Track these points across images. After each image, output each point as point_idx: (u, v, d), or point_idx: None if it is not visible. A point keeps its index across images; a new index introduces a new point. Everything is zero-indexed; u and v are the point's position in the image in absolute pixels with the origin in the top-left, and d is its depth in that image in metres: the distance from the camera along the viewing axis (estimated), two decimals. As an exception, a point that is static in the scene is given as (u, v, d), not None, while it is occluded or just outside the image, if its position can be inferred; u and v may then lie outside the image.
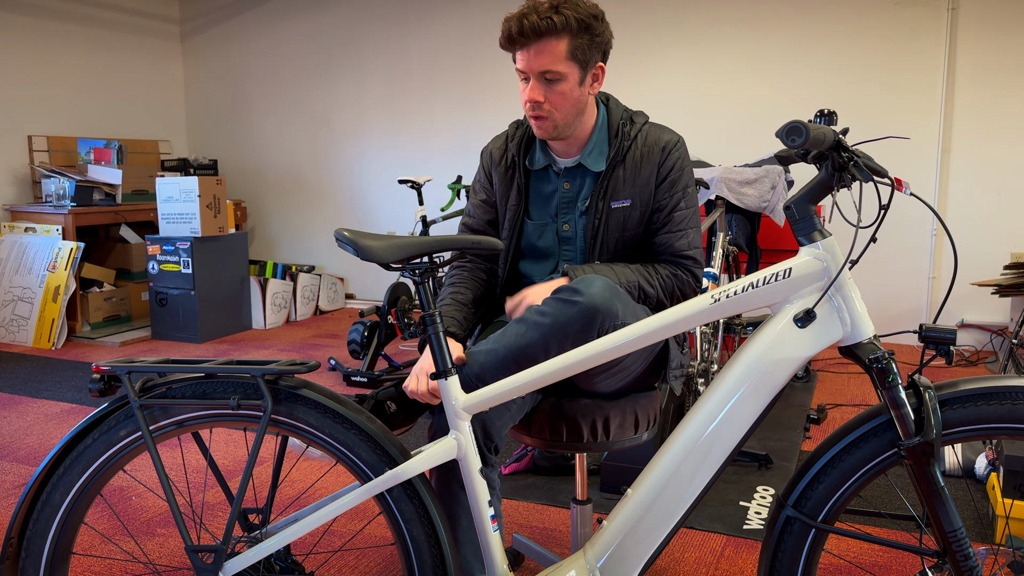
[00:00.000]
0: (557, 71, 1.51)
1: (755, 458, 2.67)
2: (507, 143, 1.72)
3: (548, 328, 1.38)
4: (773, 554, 1.27)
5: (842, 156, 1.19)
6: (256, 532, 1.34)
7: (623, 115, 1.65)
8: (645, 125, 1.64)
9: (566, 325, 1.37)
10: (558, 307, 1.39)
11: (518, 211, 1.68)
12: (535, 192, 1.69)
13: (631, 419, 1.57)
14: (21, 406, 3.47)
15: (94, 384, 1.28)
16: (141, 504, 2.45)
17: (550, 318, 1.38)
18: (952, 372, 3.87)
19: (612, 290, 1.41)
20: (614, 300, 1.40)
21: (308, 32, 5.81)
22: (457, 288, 1.68)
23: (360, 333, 3.88)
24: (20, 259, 4.80)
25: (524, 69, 1.53)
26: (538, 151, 1.68)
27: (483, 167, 1.76)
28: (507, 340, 1.42)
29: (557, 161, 1.67)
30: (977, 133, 4.21)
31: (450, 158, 5.49)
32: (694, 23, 4.71)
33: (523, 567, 2.01)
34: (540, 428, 1.58)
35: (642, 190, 1.60)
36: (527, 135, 1.70)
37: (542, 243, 1.67)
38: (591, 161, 1.63)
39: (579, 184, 1.65)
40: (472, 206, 1.77)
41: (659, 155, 1.60)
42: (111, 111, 5.76)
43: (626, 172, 1.61)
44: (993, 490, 2.22)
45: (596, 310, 1.37)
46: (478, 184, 1.76)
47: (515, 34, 1.49)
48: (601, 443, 1.55)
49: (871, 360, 1.18)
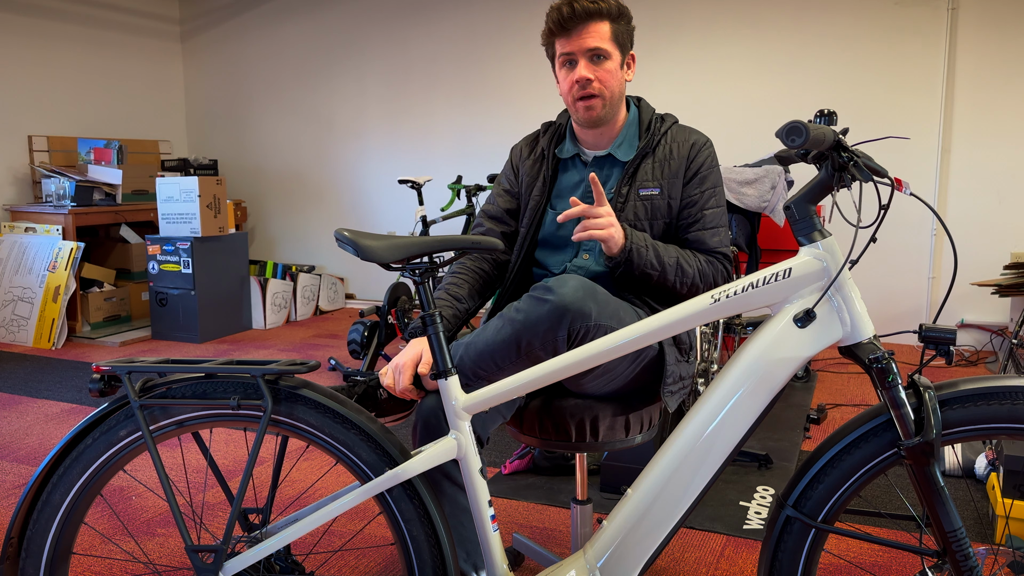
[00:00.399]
0: (606, 49, 1.59)
1: (755, 458, 2.67)
2: (538, 138, 1.79)
3: (520, 324, 1.41)
4: (773, 554, 1.27)
5: (842, 156, 1.19)
6: (256, 532, 1.34)
7: (654, 114, 1.72)
8: (675, 124, 1.71)
9: (536, 323, 1.39)
10: (530, 305, 1.41)
11: (541, 201, 1.71)
12: (561, 183, 1.73)
13: (621, 421, 1.56)
14: (21, 406, 3.47)
15: (94, 384, 1.28)
16: (141, 504, 2.45)
17: (522, 315, 1.41)
18: (952, 372, 3.87)
19: (587, 290, 1.42)
20: (587, 301, 1.40)
21: (308, 32, 5.81)
22: (454, 280, 1.71)
23: (360, 333, 3.88)
24: (20, 259, 4.80)
25: (574, 50, 1.59)
26: (568, 142, 1.73)
27: (511, 161, 1.82)
28: (485, 335, 1.45)
29: (585, 152, 1.71)
30: (977, 133, 4.21)
31: (450, 158, 5.49)
32: (694, 23, 4.71)
33: (523, 567, 2.01)
34: (531, 427, 1.58)
35: (671, 182, 1.64)
36: (559, 131, 1.75)
37: (563, 232, 1.69)
38: (620, 152, 1.67)
39: (606, 174, 1.69)
40: (494, 195, 1.82)
41: (689, 151, 1.65)
42: (111, 111, 5.76)
43: (655, 163, 1.65)
44: (993, 490, 2.23)
45: (566, 309, 1.38)
46: (503, 176, 1.82)
47: (567, 17, 1.57)
48: (590, 443, 1.56)
49: (871, 360, 1.18)
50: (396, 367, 1.47)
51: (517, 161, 1.79)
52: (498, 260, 1.78)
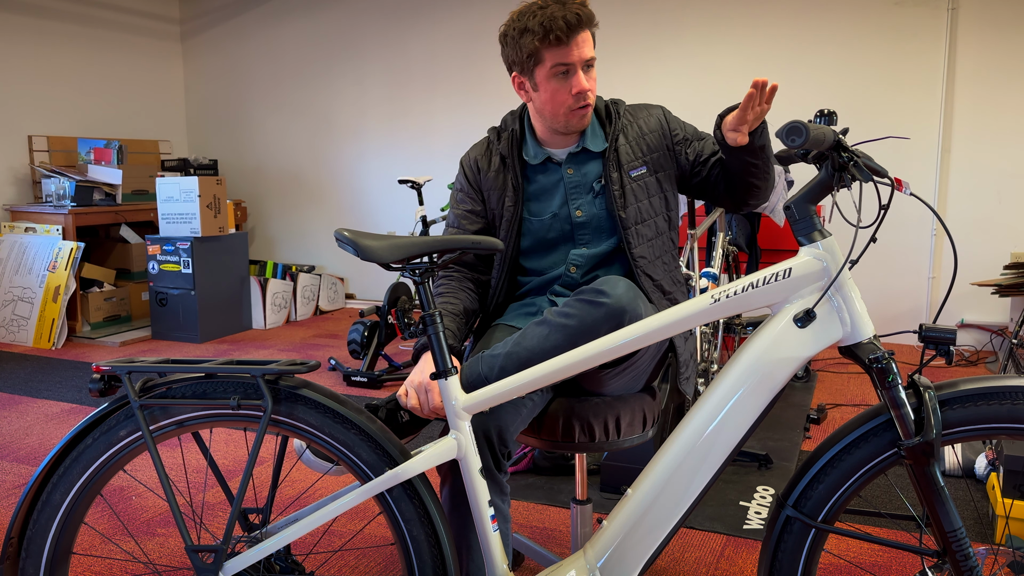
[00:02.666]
0: (594, 57, 1.59)
1: (755, 458, 2.67)
2: (490, 148, 1.72)
3: (574, 330, 1.37)
4: (773, 554, 1.27)
5: (842, 156, 1.19)
6: (256, 532, 1.34)
7: (604, 102, 1.72)
8: (627, 105, 1.72)
9: (593, 327, 1.37)
10: (583, 308, 1.38)
11: (515, 210, 1.66)
12: (535, 187, 1.68)
13: (621, 422, 1.56)
14: (21, 406, 3.47)
15: (94, 384, 1.28)
16: (141, 504, 2.45)
17: (575, 320, 1.38)
18: (952, 372, 3.87)
19: (636, 291, 1.42)
20: (638, 301, 1.40)
21: (308, 32, 5.81)
22: (446, 299, 1.65)
23: (360, 333, 3.88)
24: (20, 259, 4.80)
25: (572, 61, 1.54)
26: (531, 147, 1.68)
27: (465, 177, 1.73)
28: (528, 343, 1.40)
29: (555, 153, 1.68)
30: (977, 133, 4.21)
31: (450, 158, 5.49)
32: (694, 23, 4.71)
33: (523, 567, 2.01)
34: (531, 427, 1.56)
35: (653, 158, 1.65)
36: (513, 136, 1.69)
37: (552, 234, 1.67)
38: (593, 144, 1.66)
39: (586, 169, 1.66)
40: (456, 217, 1.73)
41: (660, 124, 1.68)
42: (111, 111, 5.76)
43: (630, 143, 1.65)
44: (993, 490, 2.23)
45: (624, 311, 1.37)
46: (460, 194, 1.74)
47: (572, 26, 1.52)
48: (612, 442, 1.55)
49: (871, 360, 1.18)
50: (420, 386, 1.42)
51: (475, 176, 1.71)
52: (477, 279, 1.73)
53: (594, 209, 1.64)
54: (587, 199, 1.65)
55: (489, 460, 1.42)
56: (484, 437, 1.41)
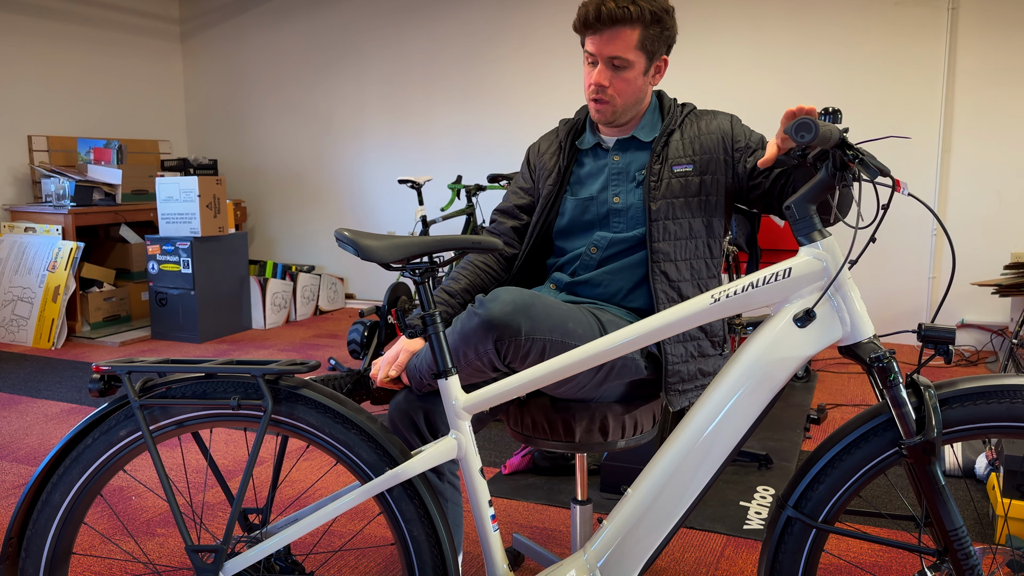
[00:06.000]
0: (626, 59, 1.56)
1: (755, 458, 2.67)
2: (557, 135, 1.79)
3: (456, 336, 1.43)
4: (773, 554, 1.27)
5: (847, 154, 1.18)
6: (256, 532, 1.34)
7: (673, 100, 1.72)
8: (695, 108, 1.71)
9: (468, 336, 1.41)
10: (466, 318, 1.43)
11: (553, 190, 1.71)
12: (584, 171, 1.72)
13: (621, 422, 1.56)
14: (21, 406, 3.47)
15: (94, 384, 1.28)
16: (141, 504, 2.45)
17: (459, 326, 1.43)
18: (952, 372, 3.87)
19: (519, 305, 1.39)
20: (516, 316, 1.37)
21: (308, 32, 5.81)
22: (455, 275, 1.74)
23: (360, 333, 3.88)
24: (20, 259, 4.80)
25: (594, 53, 1.57)
26: (588, 133, 1.73)
27: (527, 159, 1.83)
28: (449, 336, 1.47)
29: (604, 140, 1.71)
30: (977, 133, 4.21)
31: (450, 158, 5.49)
32: (694, 23, 4.71)
33: (523, 567, 2.01)
34: (531, 427, 1.58)
35: (703, 159, 1.61)
36: (577, 125, 1.75)
37: (588, 216, 1.68)
38: (643, 133, 1.66)
39: (630, 157, 1.67)
40: (508, 192, 1.83)
41: (725, 127, 1.64)
42: (111, 111, 5.76)
43: (684, 140, 1.63)
44: (993, 490, 2.23)
45: (492, 325, 1.37)
46: (519, 175, 1.84)
47: (592, 19, 1.54)
48: (590, 444, 1.55)
49: (871, 359, 1.18)
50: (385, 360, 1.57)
51: (534, 158, 1.80)
52: (506, 255, 1.78)
53: (632, 199, 1.64)
54: (628, 187, 1.65)
55: (416, 442, 1.53)
56: (410, 419, 1.53)
